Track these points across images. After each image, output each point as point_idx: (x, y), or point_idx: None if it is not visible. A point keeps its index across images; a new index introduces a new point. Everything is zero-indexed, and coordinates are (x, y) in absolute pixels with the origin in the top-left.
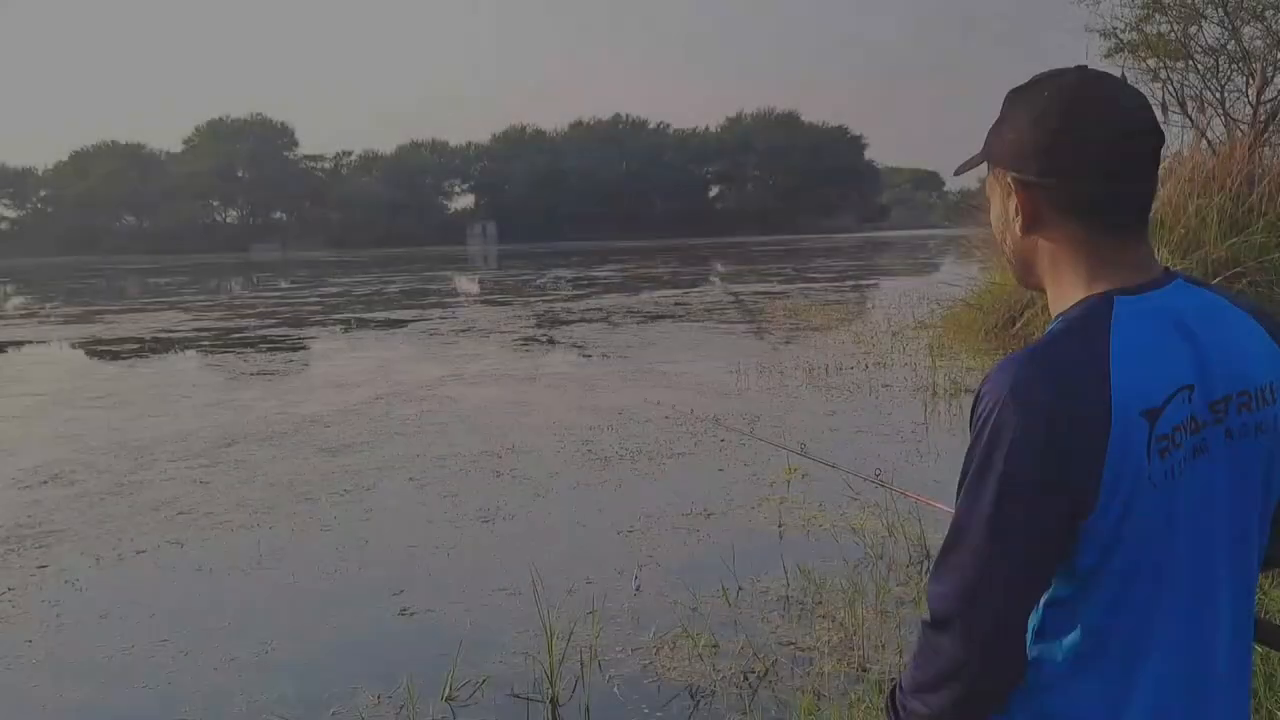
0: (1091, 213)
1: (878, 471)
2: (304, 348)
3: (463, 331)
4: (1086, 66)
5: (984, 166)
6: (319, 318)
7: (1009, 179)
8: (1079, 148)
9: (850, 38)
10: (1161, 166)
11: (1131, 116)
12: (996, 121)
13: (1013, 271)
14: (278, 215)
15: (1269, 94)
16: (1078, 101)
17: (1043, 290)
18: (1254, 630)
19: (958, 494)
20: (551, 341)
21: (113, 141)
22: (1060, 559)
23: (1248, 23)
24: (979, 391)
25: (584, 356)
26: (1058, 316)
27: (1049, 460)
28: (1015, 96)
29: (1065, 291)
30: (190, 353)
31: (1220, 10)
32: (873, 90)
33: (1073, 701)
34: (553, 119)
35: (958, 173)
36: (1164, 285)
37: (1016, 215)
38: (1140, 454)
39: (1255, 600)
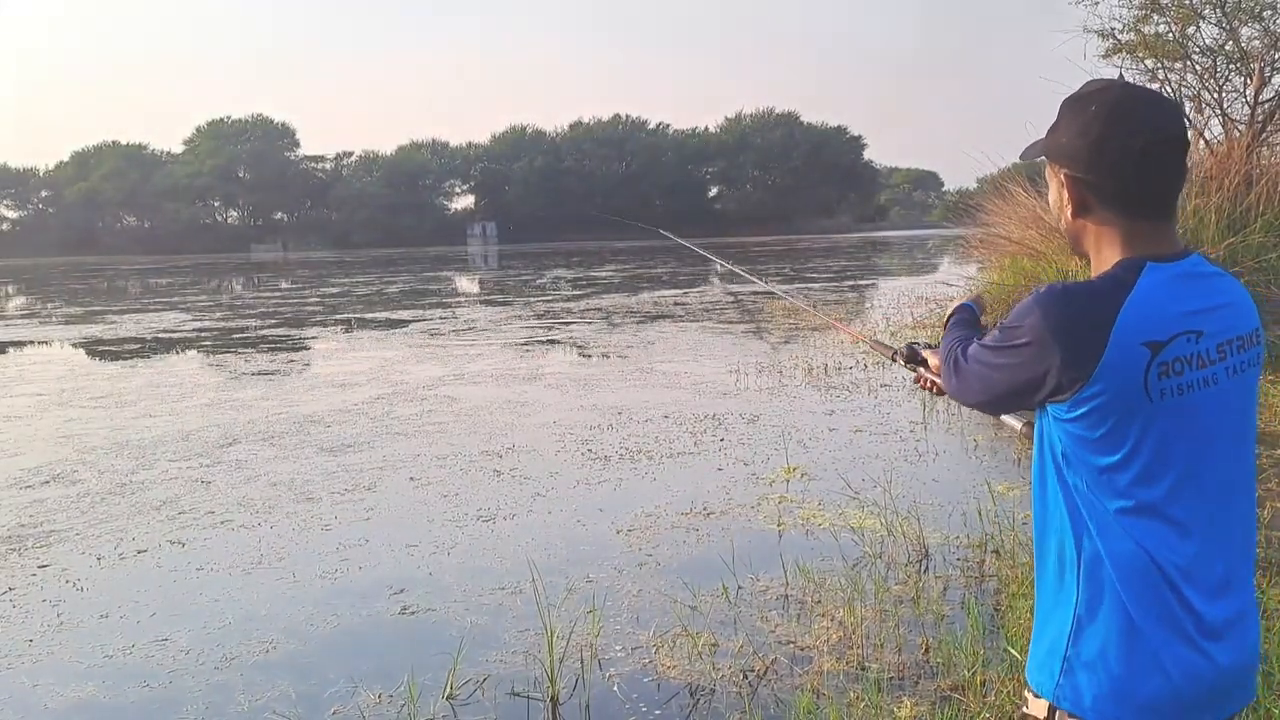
0: (1127, 204)
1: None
2: (305, 348)
3: (463, 331)
4: (1128, 82)
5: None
6: (320, 318)
7: (1061, 174)
8: (1116, 153)
9: (851, 38)
10: None
11: (1160, 128)
12: (1053, 124)
13: (1067, 241)
14: (278, 215)
15: (1267, 94)
16: (1115, 116)
17: (1088, 259)
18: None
19: (995, 328)
20: (551, 341)
21: (114, 142)
22: (1017, 407)
23: (1245, 23)
24: (1034, 291)
25: (584, 356)
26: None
27: (1044, 362)
28: (1068, 106)
29: (1107, 261)
30: (191, 353)
31: (1218, 11)
32: (872, 90)
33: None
34: (553, 119)
35: (1022, 158)
36: (1184, 258)
37: (1067, 203)
38: (1138, 374)
39: (1256, 496)
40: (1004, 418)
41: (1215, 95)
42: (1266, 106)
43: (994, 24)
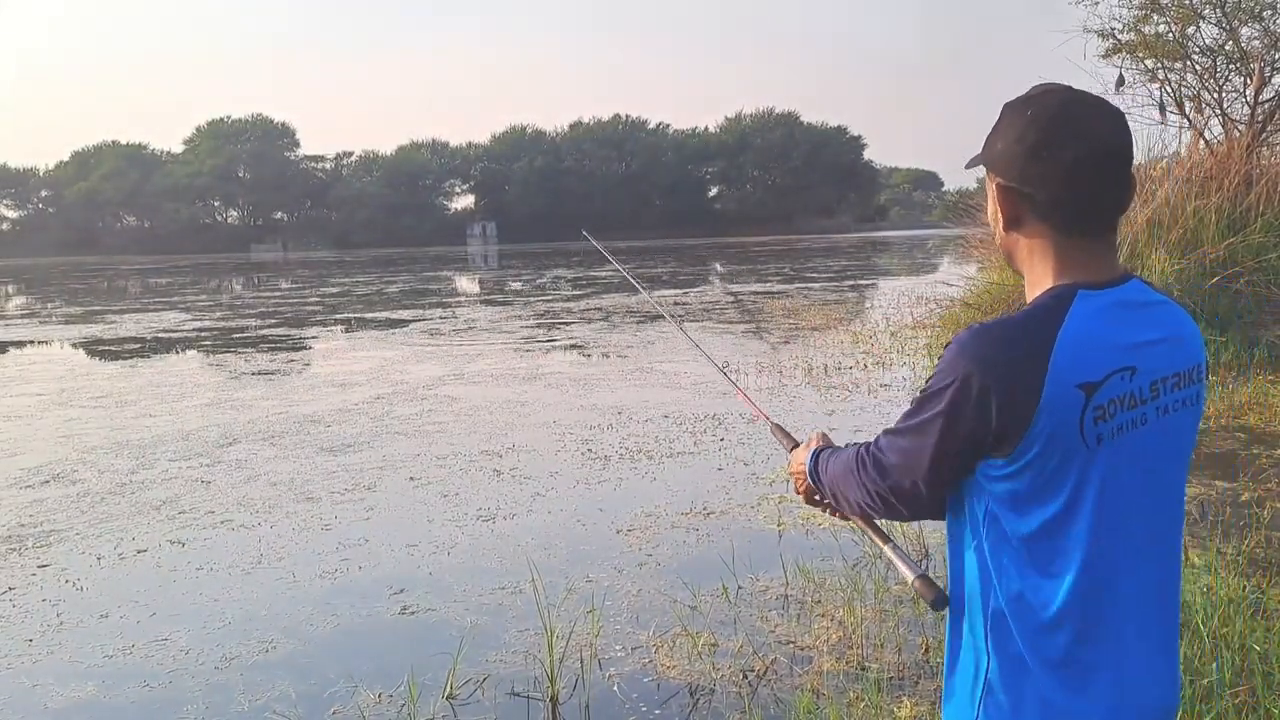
0: (1062, 219)
1: (725, 365)
2: (305, 347)
3: (463, 331)
4: (1071, 87)
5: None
6: (320, 318)
7: (996, 183)
8: (1053, 164)
9: (851, 39)
10: (1159, 167)
11: (1102, 138)
12: (991, 130)
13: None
14: (278, 215)
15: (1266, 94)
16: (1055, 123)
17: (1024, 275)
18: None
19: (913, 400)
20: (551, 341)
21: (114, 141)
22: (956, 476)
23: (1245, 23)
24: (955, 338)
25: (584, 356)
26: (1030, 302)
27: (982, 410)
28: (1007, 111)
29: (1039, 281)
30: (191, 353)
31: (1218, 11)
32: (872, 90)
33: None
34: (553, 119)
35: (967, 167)
36: (1122, 284)
37: (999, 215)
38: (1074, 418)
39: (1182, 544)
40: (898, 563)
41: (1215, 95)
42: (1266, 106)
43: (994, 24)
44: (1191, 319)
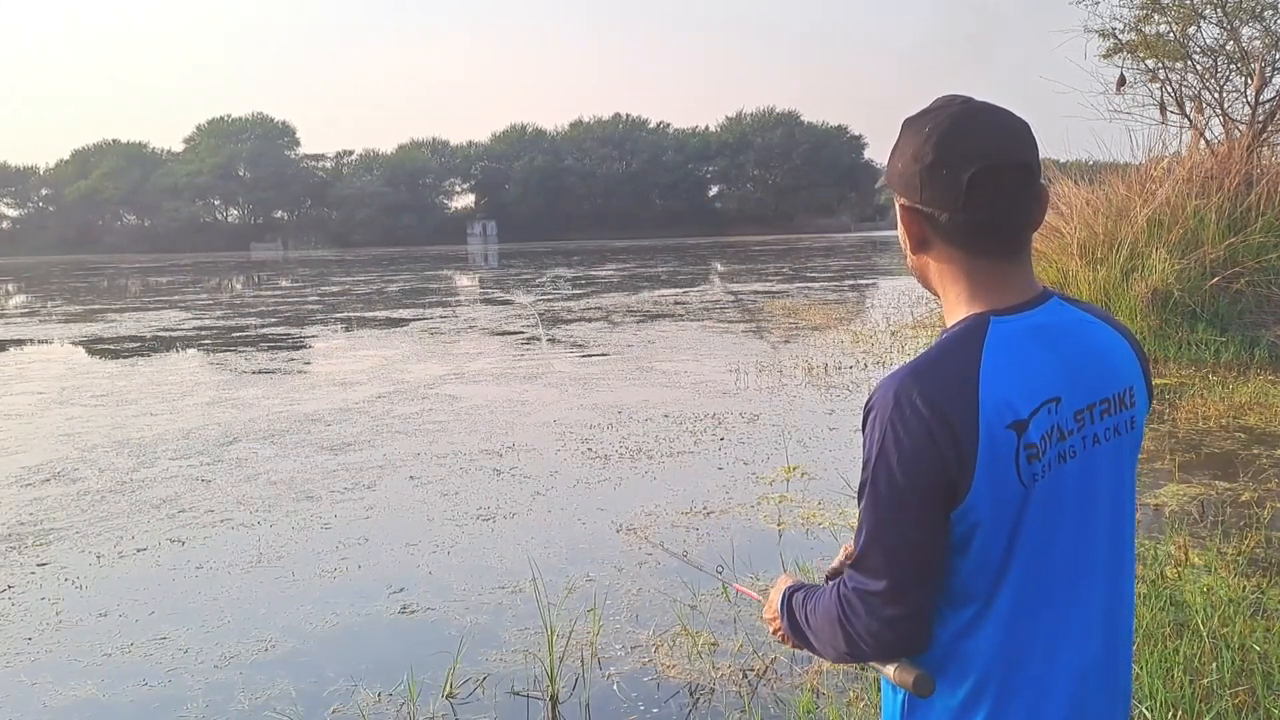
0: (967, 240)
1: (720, 569)
2: (305, 346)
3: (463, 330)
4: (970, 99)
5: None
6: (320, 316)
7: (900, 204)
8: (951, 182)
9: (853, 38)
10: (1160, 166)
11: (1000, 152)
12: (892, 148)
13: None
14: (278, 214)
15: (1267, 94)
16: (949, 139)
17: (939, 298)
18: (1133, 613)
19: (859, 498)
20: (552, 340)
21: (114, 140)
22: (940, 537)
23: (1246, 23)
24: (868, 402)
25: (584, 355)
26: (944, 331)
27: (931, 466)
28: (905, 127)
29: (952, 306)
30: (191, 351)
31: (1219, 11)
32: (873, 90)
33: (969, 657)
34: (553, 119)
35: (877, 188)
36: (1038, 305)
37: (905, 236)
38: (1009, 461)
39: (1134, 585)
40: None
41: (1216, 95)
42: (1267, 106)
43: (995, 24)
44: (1123, 336)
